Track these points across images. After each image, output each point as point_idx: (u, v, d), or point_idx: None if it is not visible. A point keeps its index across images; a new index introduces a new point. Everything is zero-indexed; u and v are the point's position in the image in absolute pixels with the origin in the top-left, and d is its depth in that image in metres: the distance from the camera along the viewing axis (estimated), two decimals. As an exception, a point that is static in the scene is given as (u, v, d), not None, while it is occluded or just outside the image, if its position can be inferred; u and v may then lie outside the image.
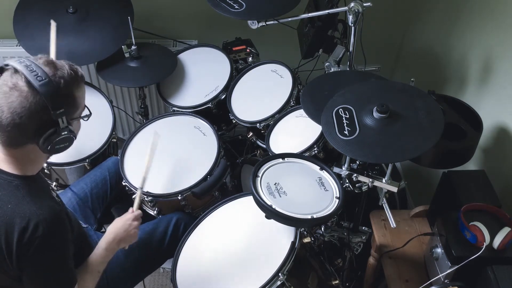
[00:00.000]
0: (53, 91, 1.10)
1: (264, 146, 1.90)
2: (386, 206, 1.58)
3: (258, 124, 1.93)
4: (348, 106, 1.47)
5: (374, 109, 1.40)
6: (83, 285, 1.31)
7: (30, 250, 1.11)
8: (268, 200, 1.42)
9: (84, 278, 1.31)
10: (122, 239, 1.42)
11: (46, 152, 1.16)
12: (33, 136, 1.13)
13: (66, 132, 1.15)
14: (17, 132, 1.11)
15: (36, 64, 1.11)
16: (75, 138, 1.21)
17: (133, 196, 1.77)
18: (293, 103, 1.94)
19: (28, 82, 1.08)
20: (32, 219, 1.10)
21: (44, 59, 1.14)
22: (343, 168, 1.55)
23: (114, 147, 2.02)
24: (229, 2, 1.87)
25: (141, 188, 1.59)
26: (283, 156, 1.61)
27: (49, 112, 1.10)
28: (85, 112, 1.27)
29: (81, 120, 1.26)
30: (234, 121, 2.03)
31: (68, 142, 1.18)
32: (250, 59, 2.22)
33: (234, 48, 2.27)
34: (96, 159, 1.88)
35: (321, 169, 1.59)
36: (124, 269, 1.57)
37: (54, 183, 1.90)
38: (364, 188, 1.57)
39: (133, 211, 1.49)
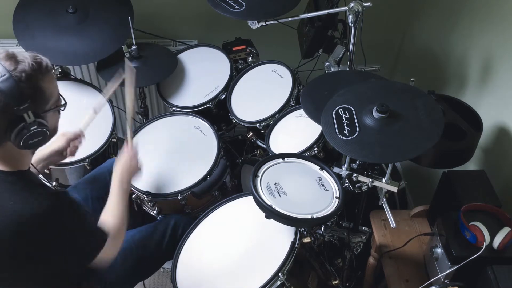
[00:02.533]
0: (13, 87, 1.07)
1: (264, 146, 1.90)
2: (386, 206, 1.58)
3: (258, 124, 1.93)
4: (348, 106, 1.47)
5: (374, 109, 1.40)
6: (116, 225, 1.35)
7: (48, 233, 1.13)
8: (268, 200, 1.42)
9: (114, 214, 1.37)
10: (128, 168, 1.49)
11: (21, 148, 1.14)
12: (5, 133, 1.11)
13: (35, 127, 1.12)
14: None
15: None
16: (50, 131, 1.18)
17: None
18: (293, 103, 1.94)
19: None
20: (39, 208, 1.11)
21: (4, 54, 1.10)
22: (343, 168, 1.55)
23: (114, 147, 2.02)
24: (229, 2, 1.87)
25: (130, 119, 1.61)
26: (283, 156, 1.61)
27: (13, 108, 1.08)
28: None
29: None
30: (234, 121, 2.03)
31: (41, 136, 1.15)
32: (250, 59, 2.22)
33: (234, 48, 2.27)
34: (96, 159, 1.88)
35: (321, 169, 1.59)
36: (122, 272, 1.57)
37: (54, 183, 1.90)
38: (364, 188, 1.57)
39: (127, 144, 1.55)
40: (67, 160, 1.80)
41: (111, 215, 1.37)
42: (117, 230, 1.34)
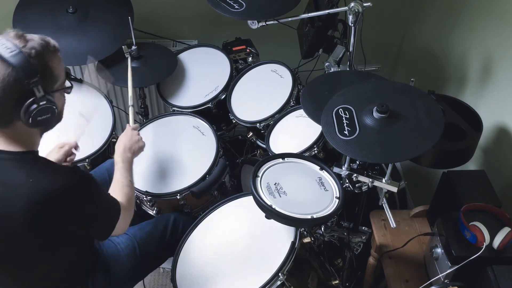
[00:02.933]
0: (24, 61, 1.10)
1: (264, 146, 1.90)
2: (386, 206, 1.58)
3: (258, 124, 1.93)
4: (348, 106, 1.47)
5: (374, 109, 1.40)
6: (127, 197, 1.41)
7: (71, 205, 1.16)
8: (268, 200, 1.42)
9: (123, 192, 1.41)
10: (130, 146, 1.56)
11: (30, 125, 1.15)
12: (14, 110, 1.13)
13: (44, 102, 1.14)
14: None
15: (6, 38, 1.12)
16: (58, 109, 1.20)
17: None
18: (293, 103, 1.94)
19: None
20: (59, 184, 1.14)
21: (13, 33, 1.14)
22: (343, 168, 1.55)
23: (114, 147, 2.01)
24: (229, 2, 1.87)
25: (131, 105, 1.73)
26: (283, 156, 1.61)
27: (23, 82, 1.10)
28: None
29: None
30: (234, 121, 2.03)
31: (50, 113, 1.17)
32: (250, 59, 2.22)
33: (234, 48, 2.27)
34: (96, 159, 1.87)
35: (321, 169, 1.59)
36: (126, 268, 1.57)
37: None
38: (364, 188, 1.57)
39: (129, 125, 1.64)
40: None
41: (118, 193, 1.41)
42: (126, 206, 1.38)
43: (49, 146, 1.31)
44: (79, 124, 1.59)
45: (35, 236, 1.16)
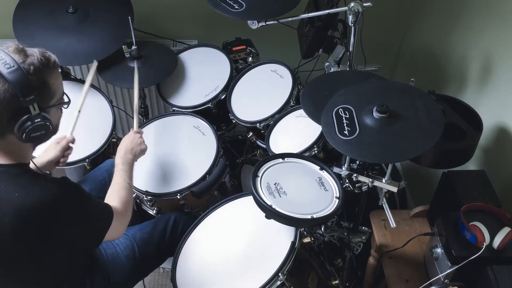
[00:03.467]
0: (21, 78, 1.09)
1: (264, 146, 1.90)
2: (386, 206, 1.58)
3: (258, 124, 1.93)
4: (348, 106, 1.47)
5: (374, 109, 1.40)
6: (123, 200, 1.40)
7: (57, 218, 1.15)
8: (268, 200, 1.42)
9: (120, 195, 1.41)
10: (132, 148, 1.55)
11: (23, 141, 1.15)
12: (8, 125, 1.12)
13: (39, 120, 1.13)
14: None
15: (5, 52, 1.11)
16: (52, 126, 1.19)
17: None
18: (293, 103, 1.94)
19: None
20: (46, 197, 1.13)
21: (14, 47, 1.13)
22: (343, 168, 1.55)
23: (114, 147, 2.02)
24: (229, 2, 1.87)
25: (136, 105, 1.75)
26: (283, 156, 1.61)
27: (19, 99, 1.09)
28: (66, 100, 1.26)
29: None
30: (234, 121, 2.03)
31: (44, 130, 1.16)
32: (250, 59, 2.22)
33: (234, 48, 2.27)
34: (96, 159, 1.88)
35: (321, 169, 1.59)
36: (125, 269, 1.57)
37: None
38: (364, 188, 1.57)
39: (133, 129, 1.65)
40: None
41: (114, 196, 1.40)
42: (121, 211, 1.37)
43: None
44: (73, 117, 1.59)
45: (26, 245, 1.15)
